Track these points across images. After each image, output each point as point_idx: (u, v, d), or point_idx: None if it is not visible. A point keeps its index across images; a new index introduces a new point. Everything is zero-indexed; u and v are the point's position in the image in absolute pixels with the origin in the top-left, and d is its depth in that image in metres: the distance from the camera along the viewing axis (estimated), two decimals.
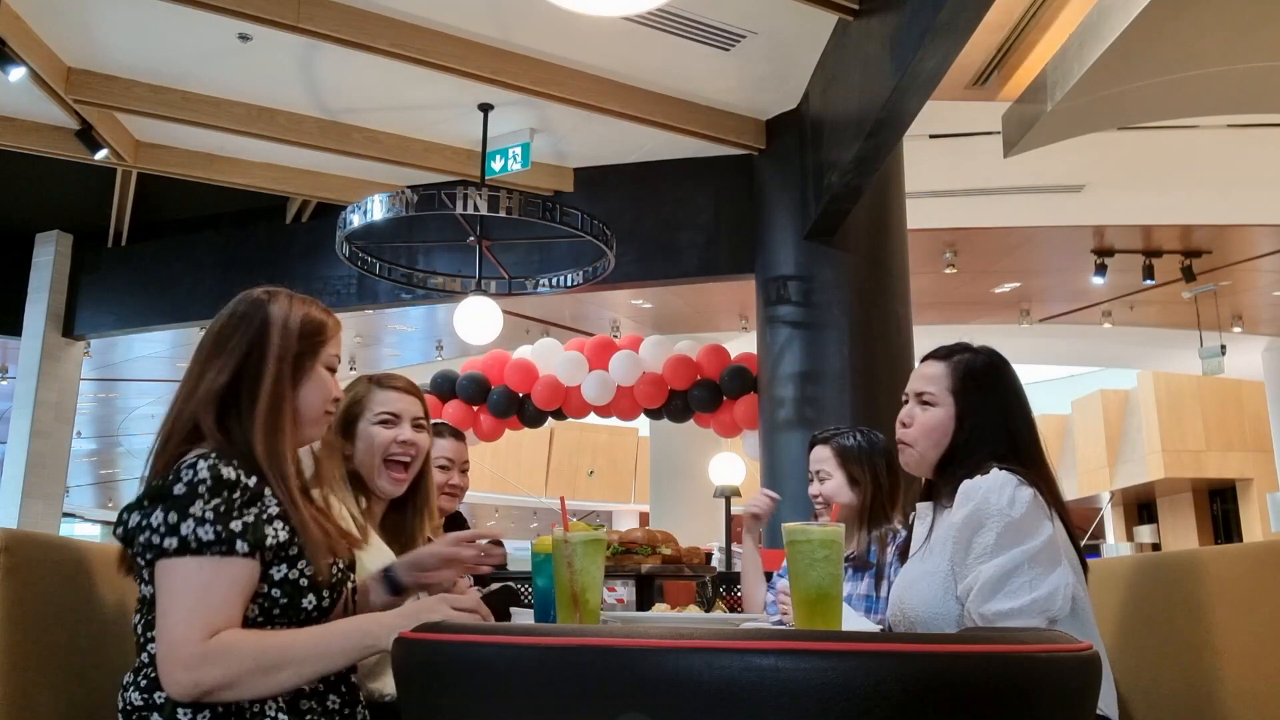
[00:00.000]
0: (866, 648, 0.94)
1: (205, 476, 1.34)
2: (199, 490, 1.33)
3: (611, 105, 5.40)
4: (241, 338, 1.49)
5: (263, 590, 1.38)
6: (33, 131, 6.12)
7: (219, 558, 1.32)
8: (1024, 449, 1.66)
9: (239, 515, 1.35)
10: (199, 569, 1.31)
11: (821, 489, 2.47)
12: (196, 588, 1.31)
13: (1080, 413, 17.10)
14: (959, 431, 1.69)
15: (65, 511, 10.63)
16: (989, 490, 1.54)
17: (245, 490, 1.37)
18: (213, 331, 1.52)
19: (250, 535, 1.35)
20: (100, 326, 8.02)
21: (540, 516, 20.79)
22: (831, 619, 1.37)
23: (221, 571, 1.32)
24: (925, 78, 3.77)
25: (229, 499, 1.35)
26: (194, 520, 1.32)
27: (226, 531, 1.33)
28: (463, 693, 1.05)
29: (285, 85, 5.62)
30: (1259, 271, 8.58)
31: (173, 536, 1.31)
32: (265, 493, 1.41)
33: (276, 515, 1.40)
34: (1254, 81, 4.41)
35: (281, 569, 1.40)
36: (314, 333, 1.54)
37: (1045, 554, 1.51)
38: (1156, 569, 1.87)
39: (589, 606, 1.42)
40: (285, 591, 1.40)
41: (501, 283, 6.35)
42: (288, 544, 1.40)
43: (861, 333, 5.39)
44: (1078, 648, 1.05)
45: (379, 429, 1.95)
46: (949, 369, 1.74)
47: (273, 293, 1.55)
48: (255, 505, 1.38)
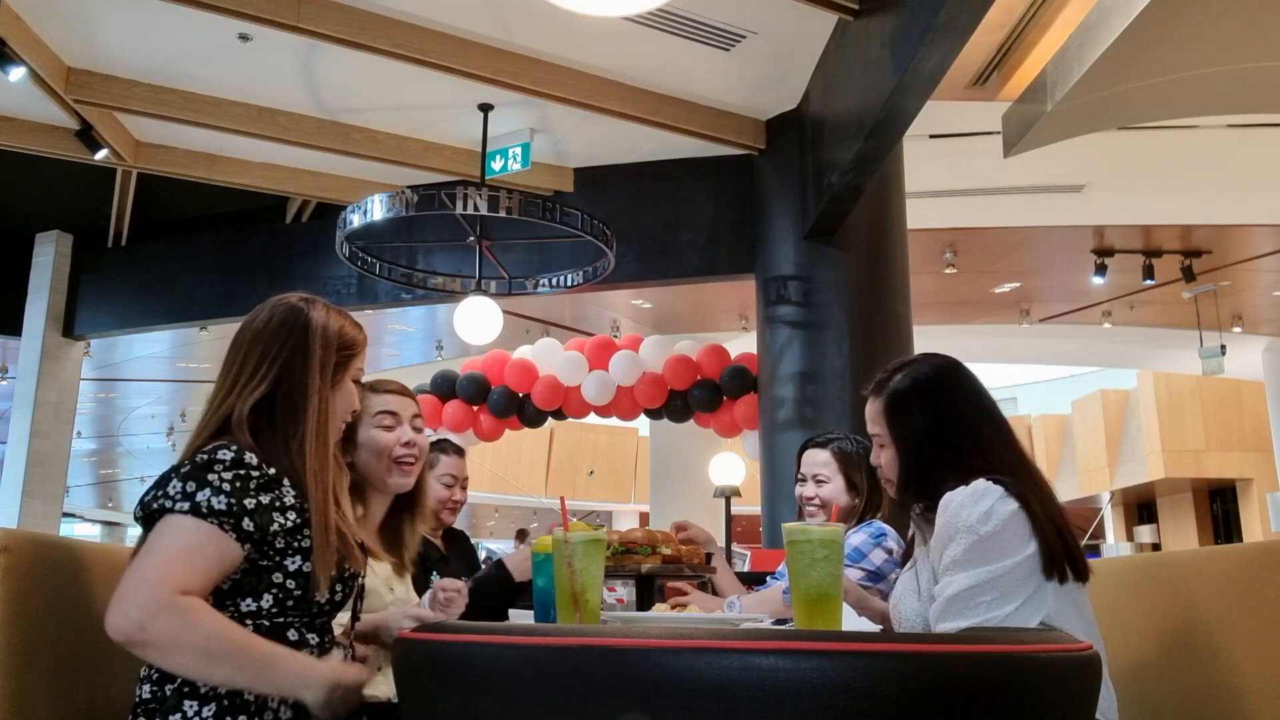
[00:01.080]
0: (867, 648, 0.94)
1: (226, 457, 1.39)
2: (218, 466, 1.38)
3: (611, 105, 5.40)
4: (283, 348, 1.52)
5: (277, 580, 1.40)
6: (33, 131, 6.12)
7: (219, 529, 1.34)
8: (979, 454, 1.60)
9: (255, 495, 1.38)
10: (196, 529, 1.33)
11: (819, 491, 2.49)
12: (188, 545, 1.32)
13: (1080, 413, 17.09)
14: (902, 461, 1.67)
15: (65, 511, 10.63)
16: (960, 505, 1.51)
17: (264, 475, 1.41)
18: (250, 335, 1.54)
19: (258, 517, 1.37)
20: (100, 326, 8.02)
21: (540, 516, 20.79)
22: (831, 619, 1.37)
23: (215, 541, 1.34)
24: (925, 78, 3.77)
25: (247, 476, 1.39)
26: (210, 489, 1.35)
27: (239, 506, 1.36)
28: (463, 693, 1.05)
29: (285, 85, 5.62)
30: (1259, 271, 8.58)
31: (186, 500, 1.34)
32: (284, 483, 1.43)
33: (290, 506, 1.42)
34: (1254, 81, 4.40)
35: (295, 560, 1.41)
36: (347, 345, 1.60)
37: (1015, 575, 1.46)
38: (1156, 569, 1.87)
39: (589, 606, 1.42)
40: (299, 584, 1.41)
41: (501, 283, 6.35)
42: (298, 534, 1.42)
43: (861, 333, 5.39)
44: (1078, 648, 1.05)
45: (380, 432, 1.97)
46: (881, 404, 1.71)
47: (310, 300, 1.59)
48: (271, 492, 1.41)
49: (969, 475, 1.56)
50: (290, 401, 1.49)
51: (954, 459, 1.61)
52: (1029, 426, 17.81)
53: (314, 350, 1.53)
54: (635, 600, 2.96)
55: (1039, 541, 1.48)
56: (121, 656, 1.60)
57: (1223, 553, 1.73)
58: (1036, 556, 1.47)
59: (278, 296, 1.62)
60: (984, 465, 1.58)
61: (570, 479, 18.63)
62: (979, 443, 1.62)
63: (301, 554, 1.42)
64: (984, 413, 1.67)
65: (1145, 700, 1.76)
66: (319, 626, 1.48)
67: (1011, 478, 1.54)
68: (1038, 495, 1.53)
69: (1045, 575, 1.47)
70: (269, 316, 1.56)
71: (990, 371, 17.27)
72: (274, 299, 1.61)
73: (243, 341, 1.55)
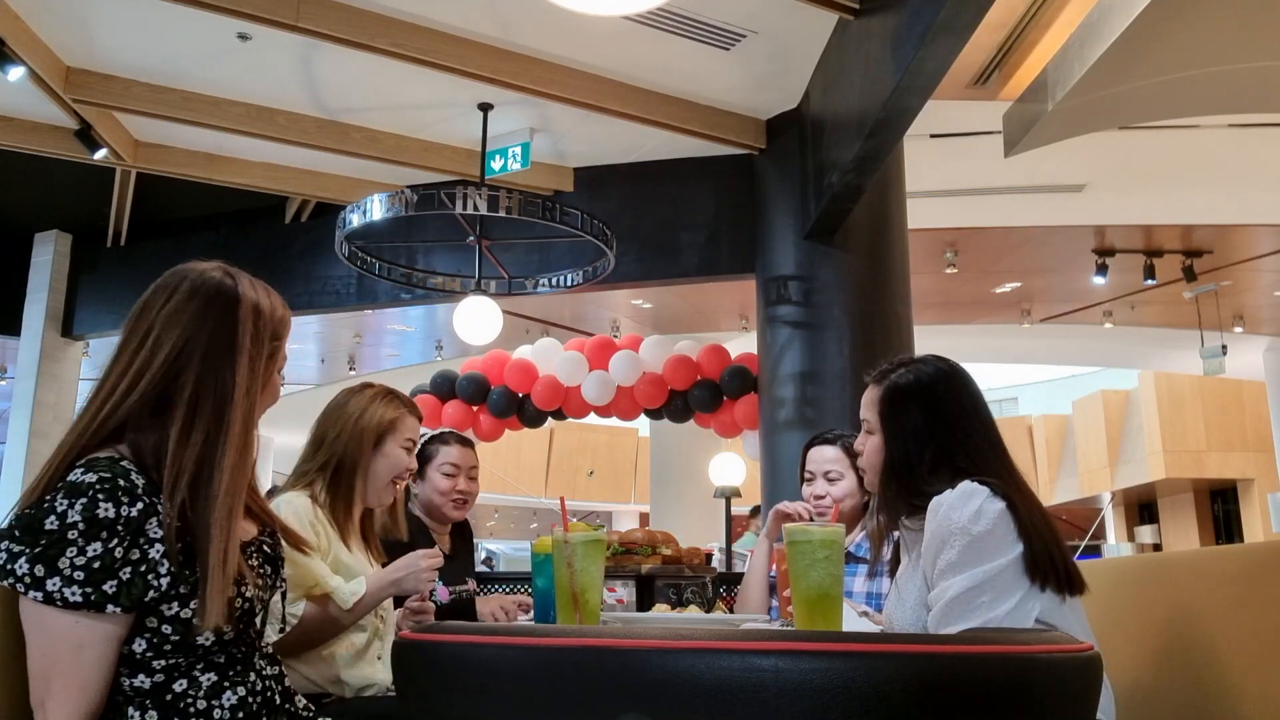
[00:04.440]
0: (867, 648, 0.94)
1: (78, 520, 1.18)
2: (69, 537, 1.17)
3: (611, 105, 5.40)
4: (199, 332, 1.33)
5: (151, 625, 1.25)
6: (32, 131, 6.11)
7: (90, 615, 1.19)
8: (966, 457, 1.62)
9: (116, 569, 1.20)
10: (73, 625, 1.18)
11: (830, 490, 2.47)
12: (69, 646, 1.18)
13: (1081, 413, 17.09)
14: (888, 453, 1.69)
15: None
16: (951, 506, 1.52)
17: (127, 527, 1.21)
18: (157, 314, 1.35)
19: (124, 597, 1.20)
20: (100, 326, 8.02)
21: (540, 517, 20.80)
22: (832, 619, 1.37)
23: (92, 629, 1.19)
24: (926, 77, 3.76)
25: (105, 548, 1.19)
26: (61, 579, 1.17)
27: (98, 594, 1.18)
28: (462, 693, 1.05)
29: (285, 85, 5.61)
30: (1260, 271, 8.58)
31: (37, 589, 1.17)
32: (149, 524, 1.23)
33: (162, 558, 1.23)
34: (1254, 81, 4.40)
35: (172, 607, 1.26)
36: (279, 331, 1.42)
37: (1008, 574, 1.47)
38: (1157, 569, 1.87)
39: (589, 606, 1.42)
40: (177, 629, 1.26)
41: (501, 283, 6.35)
42: (174, 584, 1.25)
43: (861, 333, 5.38)
44: (1079, 648, 1.05)
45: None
46: (879, 392, 1.73)
47: (233, 273, 1.40)
48: (135, 547, 1.21)
49: (954, 477, 1.57)
50: (209, 402, 1.29)
51: (940, 459, 1.63)
52: (1030, 426, 17.82)
53: (243, 338, 1.33)
54: (635, 600, 2.96)
55: (1025, 544, 1.49)
56: None
57: (1223, 553, 1.73)
58: (1021, 560, 1.48)
59: (188, 264, 1.38)
60: (970, 468, 1.60)
61: (570, 479, 18.63)
62: (967, 446, 1.64)
63: (179, 600, 1.25)
64: (978, 420, 1.68)
65: (1144, 701, 1.76)
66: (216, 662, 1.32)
67: (997, 480, 1.56)
68: (1023, 500, 1.54)
69: (1030, 578, 1.48)
70: (186, 290, 1.34)
71: (991, 371, 17.31)
72: (185, 266, 1.37)
73: (147, 324, 1.32)
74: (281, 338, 1.42)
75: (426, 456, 2.76)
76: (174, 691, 1.28)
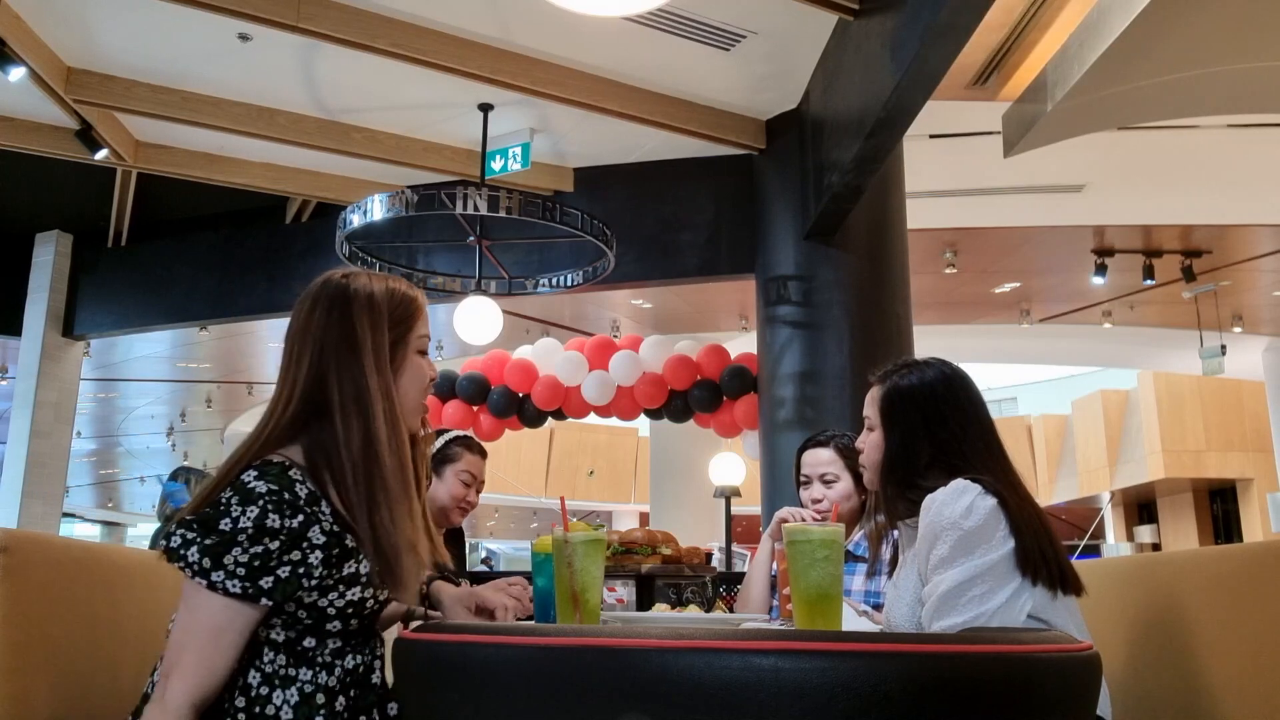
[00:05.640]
0: (867, 648, 0.94)
1: (248, 525, 1.29)
2: (239, 539, 1.29)
3: (611, 105, 5.40)
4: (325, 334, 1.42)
5: (289, 609, 1.35)
6: (33, 131, 6.12)
7: (240, 602, 1.29)
8: (962, 457, 1.65)
9: (275, 567, 1.30)
10: (223, 609, 1.29)
11: (828, 492, 2.46)
12: (211, 628, 1.29)
13: (1080, 413, 17.09)
14: (887, 450, 1.74)
15: (65, 511, 10.63)
16: (942, 503, 1.55)
17: (289, 534, 1.31)
18: (292, 333, 1.45)
19: (279, 592, 1.30)
20: (100, 326, 8.02)
21: (540, 516, 20.80)
22: (832, 619, 1.37)
23: (239, 616, 1.30)
24: (925, 78, 3.76)
25: (266, 550, 1.30)
26: (224, 572, 1.28)
27: (255, 588, 1.29)
28: (463, 693, 1.05)
29: (285, 85, 5.62)
30: (1259, 271, 8.58)
31: (202, 576, 1.29)
32: (311, 531, 1.33)
33: (319, 549, 1.33)
34: (1254, 81, 4.40)
35: (311, 595, 1.35)
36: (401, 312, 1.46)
37: (1000, 568, 1.50)
38: (1156, 569, 1.87)
39: (589, 606, 1.42)
40: (312, 615, 1.36)
41: (501, 283, 6.35)
42: (320, 584, 1.35)
43: (861, 333, 5.39)
44: (1079, 648, 1.05)
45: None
46: (882, 391, 1.78)
47: (351, 274, 1.48)
48: (295, 549, 1.32)
49: (949, 475, 1.61)
50: (351, 399, 1.38)
51: (936, 457, 1.68)
52: (1029, 426, 17.82)
53: (361, 331, 1.40)
54: (635, 600, 2.97)
55: (1016, 539, 1.52)
56: (122, 656, 1.61)
57: (1221, 553, 1.73)
58: (1013, 554, 1.51)
59: (322, 275, 1.47)
60: (964, 466, 1.64)
61: (570, 479, 18.63)
62: (964, 447, 1.68)
63: (319, 592, 1.35)
64: (976, 423, 1.72)
65: (1142, 701, 1.76)
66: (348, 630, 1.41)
67: (990, 478, 1.59)
68: (1015, 498, 1.57)
69: (1021, 572, 1.51)
70: (310, 305, 1.43)
71: (990, 371, 17.31)
72: (317, 279, 1.46)
73: (290, 341, 1.43)
74: (408, 320, 1.46)
75: (447, 457, 2.75)
76: (304, 645, 1.38)
